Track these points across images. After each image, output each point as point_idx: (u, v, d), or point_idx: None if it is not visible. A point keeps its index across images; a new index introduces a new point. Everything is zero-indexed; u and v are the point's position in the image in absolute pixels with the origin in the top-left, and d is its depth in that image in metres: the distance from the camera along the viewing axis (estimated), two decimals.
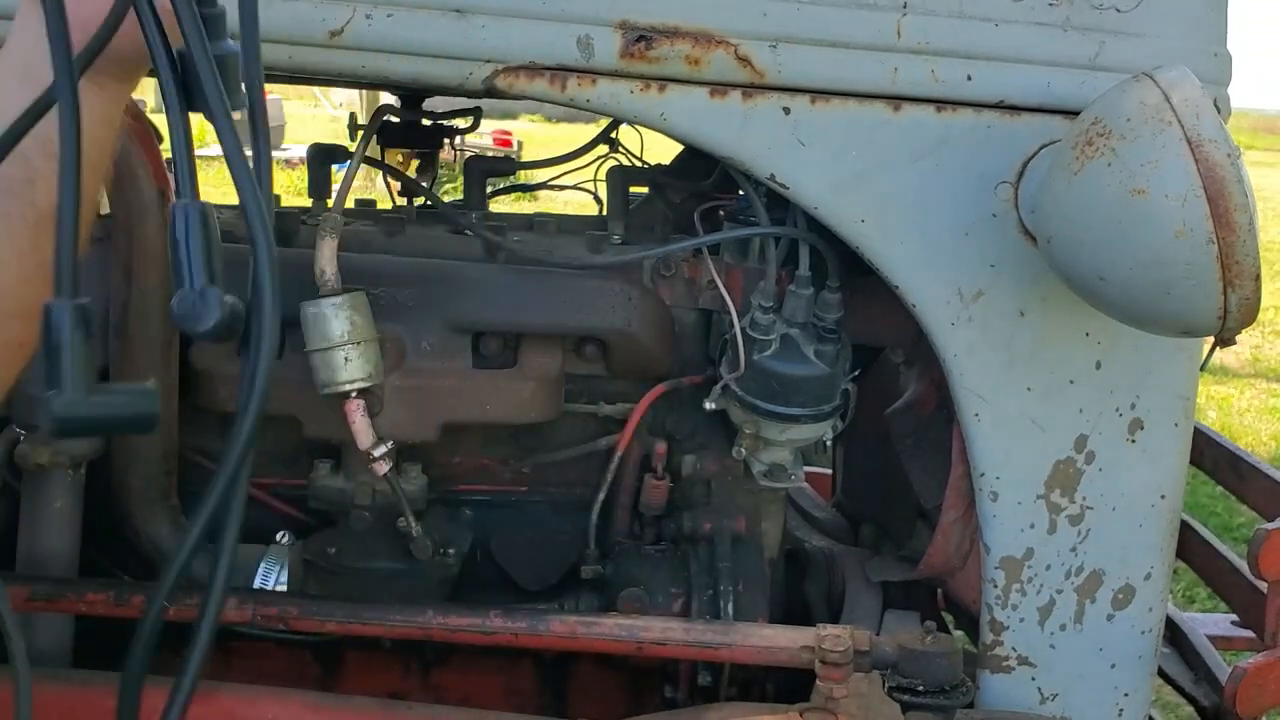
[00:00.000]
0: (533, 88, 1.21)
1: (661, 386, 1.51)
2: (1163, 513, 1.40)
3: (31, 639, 1.41)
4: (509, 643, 1.32)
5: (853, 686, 1.24)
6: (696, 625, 1.32)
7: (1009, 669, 1.41)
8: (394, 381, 1.38)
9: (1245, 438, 6.04)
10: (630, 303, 1.46)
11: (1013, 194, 1.27)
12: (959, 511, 1.45)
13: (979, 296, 1.30)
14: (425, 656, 1.63)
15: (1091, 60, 1.26)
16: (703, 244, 1.48)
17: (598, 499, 1.53)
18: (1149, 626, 1.42)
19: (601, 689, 1.68)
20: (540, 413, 1.47)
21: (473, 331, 1.44)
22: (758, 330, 1.37)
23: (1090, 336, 1.33)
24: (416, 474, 1.45)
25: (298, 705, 1.29)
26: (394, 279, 1.42)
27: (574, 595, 1.53)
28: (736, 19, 1.21)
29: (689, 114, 1.23)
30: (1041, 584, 1.39)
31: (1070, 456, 1.36)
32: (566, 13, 1.19)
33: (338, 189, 1.47)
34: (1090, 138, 1.08)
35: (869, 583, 1.75)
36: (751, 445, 1.46)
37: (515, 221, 1.76)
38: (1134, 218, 1.04)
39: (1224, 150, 1.01)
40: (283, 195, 1.94)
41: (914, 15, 1.23)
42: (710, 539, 1.49)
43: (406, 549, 1.42)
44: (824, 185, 1.26)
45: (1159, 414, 1.37)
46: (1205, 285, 1.02)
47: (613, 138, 1.96)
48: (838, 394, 1.41)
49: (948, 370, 1.33)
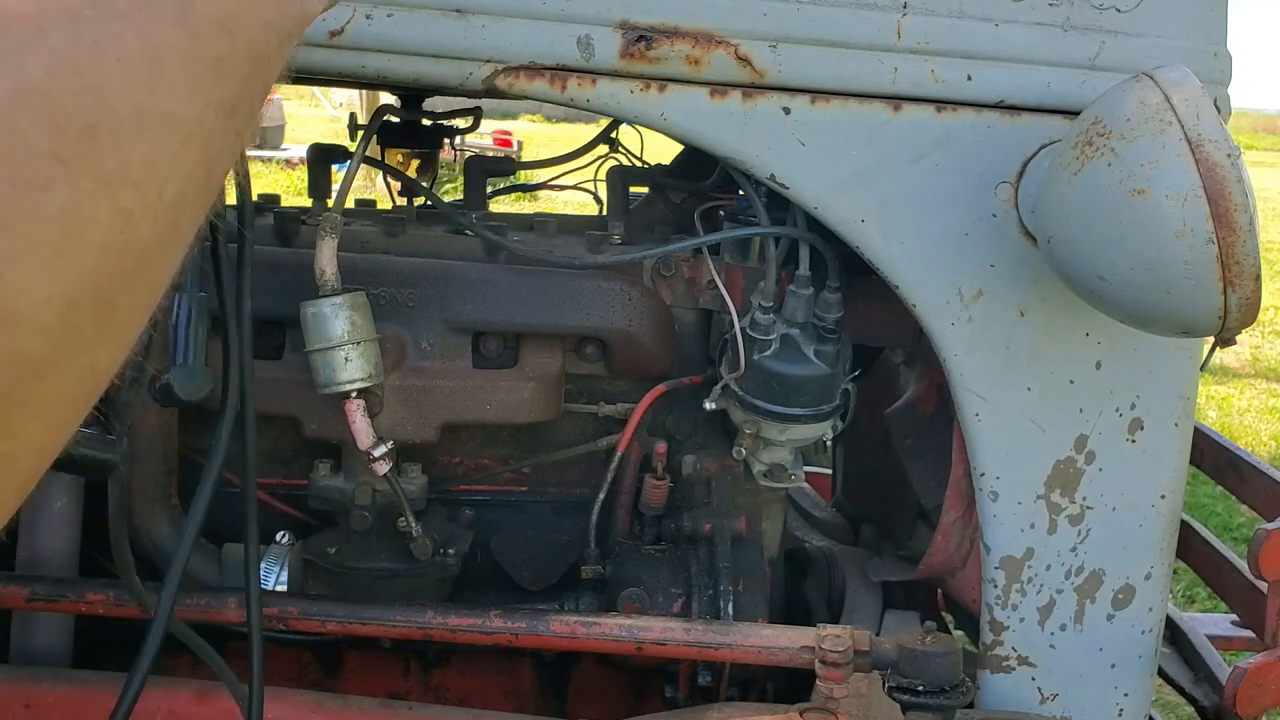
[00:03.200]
0: (533, 88, 1.21)
1: (661, 386, 1.51)
2: (1163, 513, 1.40)
3: (31, 639, 1.41)
4: (509, 643, 1.32)
5: (853, 686, 1.24)
6: (696, 625, 1.32)
7: (1009, 669, 1.41)
8: (394, 381, 1.38)
9: (1245, 438, 6.04)
10: (630, 303, 1.46)
11: (1013, 194, 1.27)
12: (959, 511, 1.45)
13: (979, 296, 1.30)
14: (425, 656, 1.63)
15: (1091, 60, 1.26)
16: (703, 244, 1.48)
17: (598, 499, 1.53)
18: (1149, 626, 1.43)
19: (601, 689, 1.68)
20: (540, 413, 1.48)
21: (473, 331, 1.44)
22: (758, 330, 1.37)
23: (1090, 336, 1.33)
24: (416, 474, 1.45)
25: (298, 705, 1.30)
26: (394, 279, 1.42)
27: (574, 595, 1.53)
28: (736, 19, 1.21)
29: (689, 114, 1.23)
30: (1041, 584, 1.39)
31: (1070, 456, 1.36)
32: (566, 13, 1.19)
33: (338, 189, 1.47)
34: (1090, 138, 1.08)
35: (869, 583, 1.75)
36: (751, 445, 1.46)
37: (515, 221, 1.76)
38: (1134, 217, 1.04)
39: (1224, 150, 1.01)
40: (283, 195, 1.94)
41: (914, 15, 1.23)
42: (710, 539, 1.49)
43: (406, 549, 1.42)
44: (824, 185, 1.26)
45: (1159, 414, 1.37)
46: (1205, 285, 1.02)
47: (613, 138, 1.97)
48: (838, 394, 1.41)
49: (948, 370, 1.33)
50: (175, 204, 0.54)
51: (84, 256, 0.48)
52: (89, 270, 0.48)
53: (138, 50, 0.52)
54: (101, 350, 0.50)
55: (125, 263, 0.51)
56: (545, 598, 1.53)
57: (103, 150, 0.49)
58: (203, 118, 0.56)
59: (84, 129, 0.49)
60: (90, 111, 0.49)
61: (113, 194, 0.50)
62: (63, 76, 0.49)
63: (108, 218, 0.49)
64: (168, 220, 0.53)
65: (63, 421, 0.50)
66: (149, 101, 0.53)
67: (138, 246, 0.51)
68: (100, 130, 0.49)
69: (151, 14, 0.54)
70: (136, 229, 0.51)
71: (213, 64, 0.58)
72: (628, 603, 1.44)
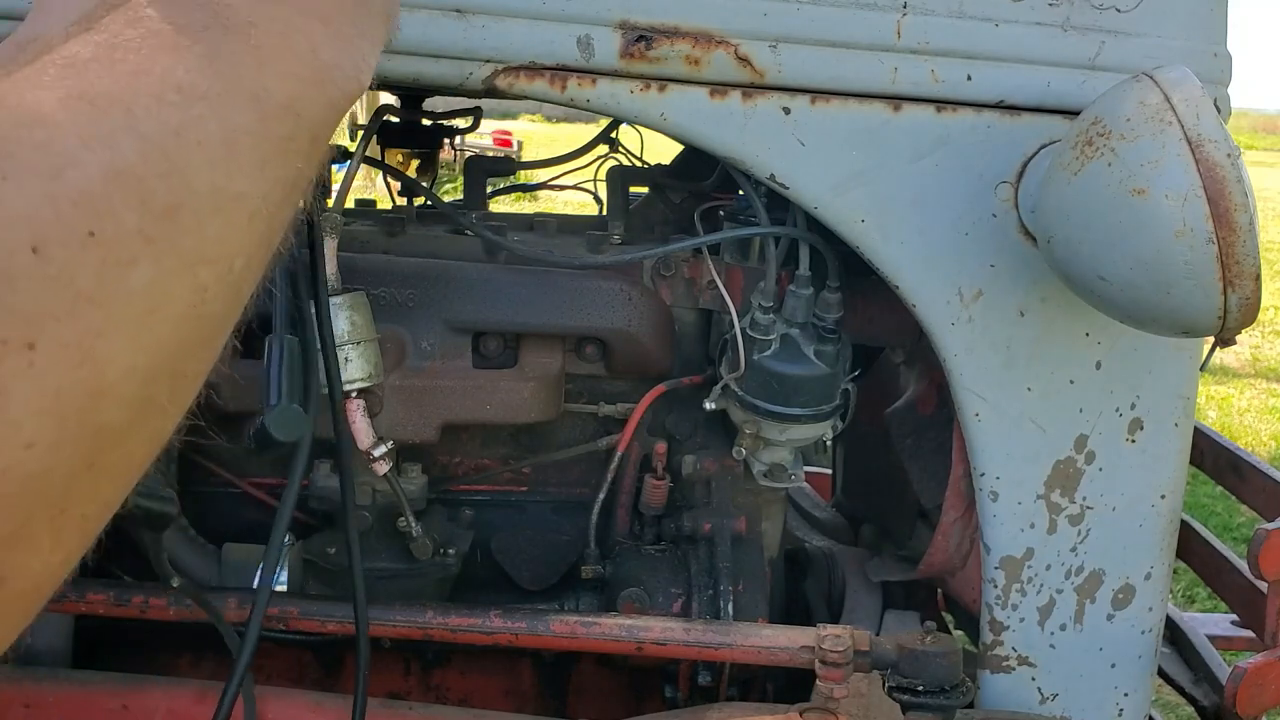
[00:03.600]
0: (533, 88, 1.21)
1: (661, 386, 1.51)
2: (1163, 513, 1.40)
3: (31, 639, 1.41)
4: (509, 643, 1.32)
5: (853, 686, 1.24)
6: (696, 625, 1.32)
7: (1009, 669, 1.41)
8: (394, 381, 1.38)
9: (1245, 438, 6.04)
10: (630, 303, 1.46)
11: (1013, 194, 1.27)
12: (959, 511, 1.45)
13: (979, 296, 1.30)
14: (425, 656, 1.63)
15: (1091, 60, 1.26)
16: (703, 244, 1.48)
17: (598, 499, 1.53)
18: (1149, 626, 1.43)
19: (601, 689, 1.68)
20: (540, 413, 1.48)
21: (473, 331, 1.44)
22: (758, 330, 1.37)
23: (1090, 336, 1.33)
24: (416, 474, 1.45)
25: (298, 705, 1.30)
26: (394, 279, 1.42)
27: (574, 595, 1.53)
28: (736, 19, 1.21)
29: (689, 114, 1.23)
30: (1041, 584, 1.39)
31: (1070, 456, 1.36)
32: (566, 13, 1.19)
33: (338, 189, 1.47)
34: (1090, 138, 1.08)
35: (869, 583, 1.75)
36: (751, 445, 1.46)
37: (515, 221, 1.76)
38: (1134, 217, 1.04)
39: (1224, 150, 1.01)
40: None
41: (914, 15, 1.23)
42: (710, 539, 1.49)
43: (406, 549, 1.42)
44: (824, 185, 1.26)
45: (1159, 414, 1.37)
46: (1205, 285, 1.02)
47: (613, 138, 1.97)
48: (838, 394, 1.41)
49: (948, 370, 1.33)
50: (242, 278, 0.57)
51: (163, 330, 0.51)
52: (167, 343, 0.51)
53: (216, 133, 0.55)
54: (170, 415, 0.53)
55: (198, 334, 0.54)
56: (545, 598, 1.53)
57: (183, 229, 0.52)
58: (269, 195, 0.59)
59: (168, 209, 0.51)
60: (174, 192, 0.52)
61: (191, 271, 0.52)
62: (152, 159, 0.51)
63: (186, 293, 0.52)
64: (234, 293, 0.56)
65: (132, 481, 0.52)
66: (224, 182, 0.56)
67: (209, 319, 0.54)
68: (182, 210, 0.52)
69: (230, 98, 0.57)
70: (209, 303, 0.54)
71: (280, 145, 0.61)
72: (628, 603, 1.44)
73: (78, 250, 0.46)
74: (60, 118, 0.48)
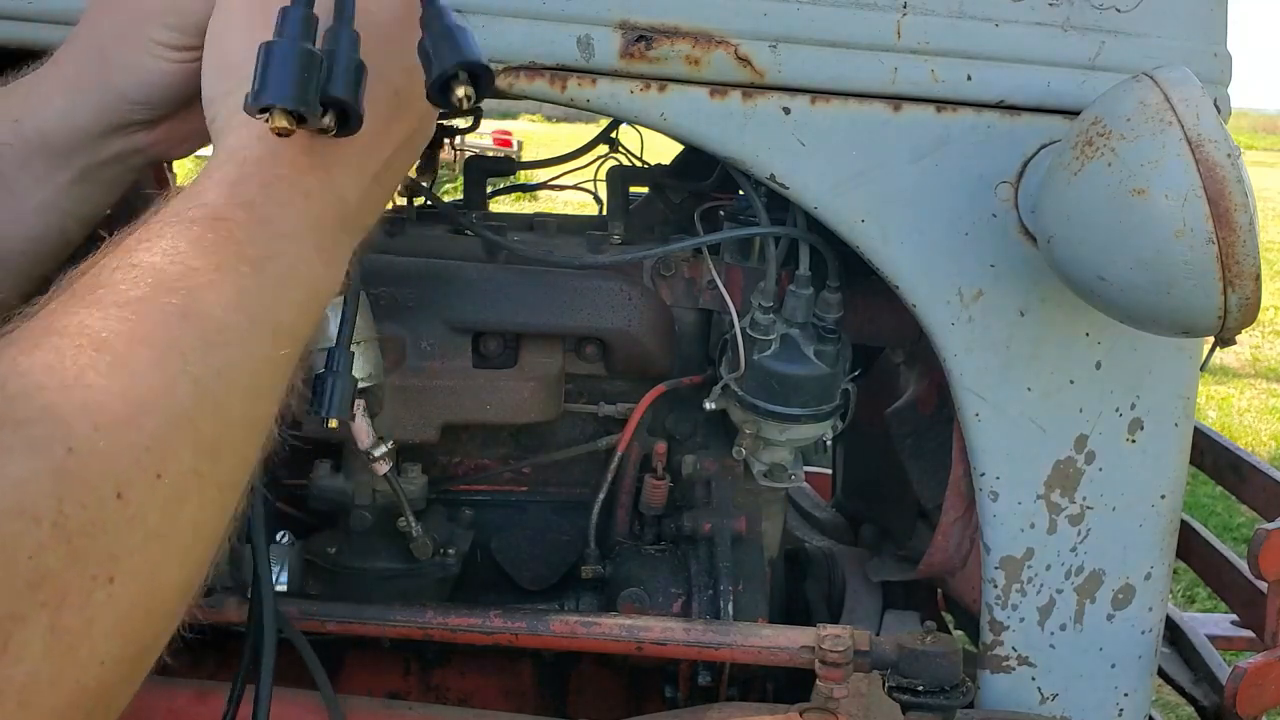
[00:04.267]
0: (533, 88, 1.21)
1: (661, 386, 1.51)
2: (1163, 513, 1.40)
3: None
4: (509, 643, 1.32)
5: (853, 686, 1.24)
6: (696, 625, 1.32)
7: (1009, 669, 1.41)
8: (394, 381, 1.38)
9: (1245, 438, 6.05)
10: (630, 303, 1.46)
11: (1013, 194, 1.27)
12: (959, 511, 1.45)
13: (979, 296, 1.30)
14: (425, 656, 1.63)
15: (1091, 60, 1.26)
16: (703, 244, 1.48)
17: (598, 499, 1.53)
18: (1149, 626, 1.43)
19: (601, 689, 1.68)
20: (540, 413, 1.48)
21: (473, 331, 1.44)
22: (758, 330, 1.37)
23: (1090, 336, 1.33)
24: (416, 474, 1.45)
25: (298, 705, 1.30)
26: (394, 279, 1.42)
27: (574, 595, 1.53)
28: (736, 19, 1.21)
29: (689, 114, 1.23)
30: (1041, 584, 1.39)
31: (1070, 456, 1.36)
32: (566, 13, 1.19)
33: None
34: (1090, 138, 1.08)
35: (869, 583, 1.75)
36: (751, 445, 1.46)
37: (515, 221, 1.76)
38: (1134, 217, 1.04)
39: (1224, 150, 1.01)
40: None
41: (914, 15, 1.23)
42: (710, 539, 1.49)
43: (406, 549, 1.42)
44: (824, 185, 1.26)
45: (1159, 414, 1.37)
46: (1205, 285, 1.02)
47: (613, 138, 1.96)
48: (838, 394, 1.41)
49: (948, 370, 1.33)
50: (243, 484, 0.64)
51: (202, 551, 0.59)
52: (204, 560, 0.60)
53: (247, 367, 0.63)
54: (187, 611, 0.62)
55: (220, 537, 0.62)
56: (545, 598, 1.53)
57: (224, 464, 0.60)
58: (272, 414, 0.67)
59: (214, 446, 0.59)
60: (218, 429, 0.59)
61: (225, 497, 0.61)
62: (203, 402, 0.58)
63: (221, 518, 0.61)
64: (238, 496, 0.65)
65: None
66: (253, 411, 0.64)
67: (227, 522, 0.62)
68: (223, 444, 0.60)
69: (256, 333, 0.65)
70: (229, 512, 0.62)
71: (287, 366, 0.69)
72: (628, 603, 1.44)
73: (149, 492, 0.53)
74: (135, 366, 0.55)
